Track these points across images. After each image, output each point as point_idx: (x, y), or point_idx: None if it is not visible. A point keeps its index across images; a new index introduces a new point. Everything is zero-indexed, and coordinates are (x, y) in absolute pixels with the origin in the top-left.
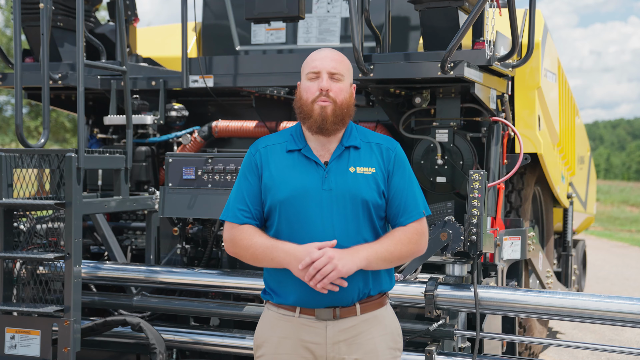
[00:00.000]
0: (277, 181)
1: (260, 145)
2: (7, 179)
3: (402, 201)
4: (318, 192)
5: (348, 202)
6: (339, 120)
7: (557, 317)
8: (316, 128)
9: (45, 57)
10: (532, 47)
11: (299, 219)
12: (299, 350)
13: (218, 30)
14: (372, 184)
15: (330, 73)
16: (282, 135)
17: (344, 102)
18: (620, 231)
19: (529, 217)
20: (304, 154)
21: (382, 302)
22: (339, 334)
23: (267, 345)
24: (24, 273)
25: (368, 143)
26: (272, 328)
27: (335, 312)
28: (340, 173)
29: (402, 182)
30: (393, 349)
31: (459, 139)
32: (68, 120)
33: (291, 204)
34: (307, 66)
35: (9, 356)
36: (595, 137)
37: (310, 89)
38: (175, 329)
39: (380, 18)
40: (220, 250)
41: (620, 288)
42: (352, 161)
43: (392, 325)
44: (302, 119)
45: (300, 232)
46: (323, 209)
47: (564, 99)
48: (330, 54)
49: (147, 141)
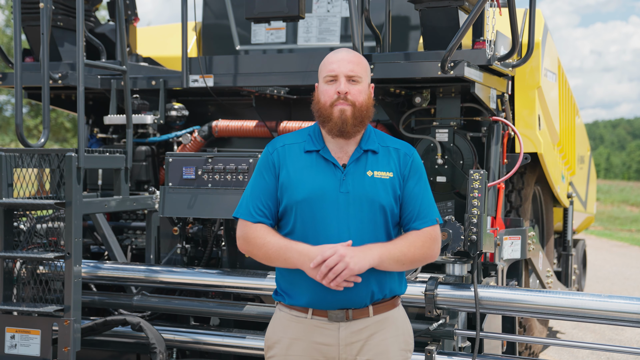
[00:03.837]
0: (294, 181)
1: (278, 144)
2: (7, 179)
3: (416, 206)
4: (335, 194)
5: (365, 206)
6: (359, 122)
7: (558, 317)
8: (337, 131)
9: (45, 56)
10: (532, 47)
11: (315, 220)
12: (310, 352)
13: (218, 30)
14: (389, 189)
15: (347, 76)
16: (300, 134)
17: (363, 104)
18: (620, 231)
19: (529, 217)
20: (322, 155)
21: (394, 304)
22: (351, 335)
23: (279, 347)
24: (24, 273)
25: (386, 148)
26: (284, 329)
27: (347, 314)
28: (358, 176)
29: (418, 187)
30: (404, 351)
31: (459, 138)
32: (68, 120)
33: (308, 205)
34: (324, 69)
35: (9, 356)
36: (595, 136)
37: (328, 92)
38: (175, 329)
39: (380, 18)
40: (220, 250)
41: (620, 287)
42: (370, 165)
43: (404, 327)
44: (322, 122)
45: (314, 234)
46: (339, 212)
47: (564, 99)
48: (347, 55)
49: (147, 141)
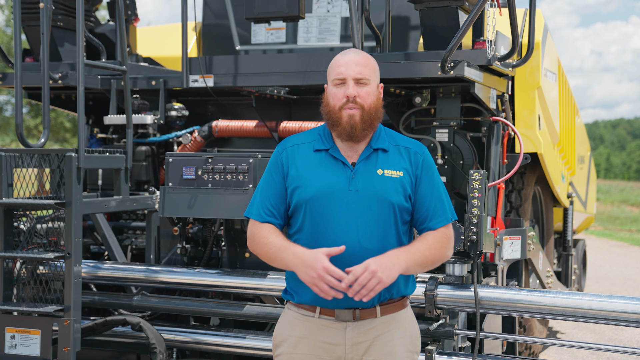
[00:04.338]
0: (303, 180)
1: (287, 144)
2: (7, 179)
3: (431, 205)
4: (344, 193)
5: (374, 204)
6: (368, 125)
7: (558, 317)
8: (346, 135)
9: (45, 56)
10: (532, 47)
11: (324, 218)
12: (317, 351)
13: (218, 30)
14: (399, 188)
15: (356, 79)
16: (310, 134)
17: (372, 106)
18: (620, 231)
19: (529, 217)
20: (331, 154)
21: (402, 305)
22: (358, 335)
23: (286, 345)
24: (24, 273)
25: (397, 146)
26: (291, 328)
27: (355, 314)
28: (367, 175)
29: (431, 186)
30: (411, 352)
31: (459, 138)
32: (68, 120)
33: (317, 203)
34: (332, 71)
35: (9, 356)
36: (595, 136)
37: (336, 95)
38: (175, 329)
39: (380, 18)
40: (220, 250)
41: (620, 287)
42: (380, 163)
43: (411, 328)
44: (331, 125)
45: (323, 232)
46: (348, 210)
47: (564, 99)
48: (355, 57)
49: (147, 141)
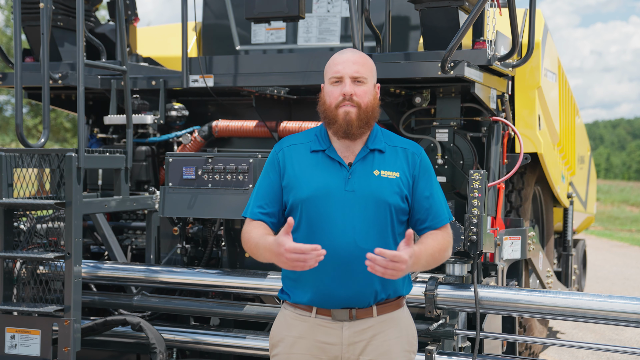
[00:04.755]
0: (300, 180)
1: (284, 144)
2: (7, 179)
3: (430, 206)
4: (341, 193)
5: (370, 205)
6: (364, 123)
7: (558, 317)
8: (342, 133)
9: (45, 56)
10: (532, 47)
11: (320, 218)
12: (313, 351)
13: (218, 30)
14: (395, 188)
15: (353, 77)
16: (306, 135)
17: (369, 105)
18: (621, 231)
19: (529, 217)
20: (328, 154)
21: (399, 304)
22: (354, 335)
23: (282, 345)
24: (24, 273)
25: (393, 147)
26: (288, 328)
27: (351, 313)
28: (364, 175)
29: (429, 187)
30: (408, 352)
31: (459, 138)
32: (68, 120)
33: (313, 203)
34: (329, 70)
35: (9, 356)
36: (595, 136)
37: (333, 94)
38: (175, 329)
39: (380, 18)
40: (220, 250)
41: (620, 288)
42: (376, 164)
43: (408, 328)
44: (327, 123)
45: (320, 232)
46: (345, 210)
47: (564, 99)
48: (353, 56)
49: (147, 141)
